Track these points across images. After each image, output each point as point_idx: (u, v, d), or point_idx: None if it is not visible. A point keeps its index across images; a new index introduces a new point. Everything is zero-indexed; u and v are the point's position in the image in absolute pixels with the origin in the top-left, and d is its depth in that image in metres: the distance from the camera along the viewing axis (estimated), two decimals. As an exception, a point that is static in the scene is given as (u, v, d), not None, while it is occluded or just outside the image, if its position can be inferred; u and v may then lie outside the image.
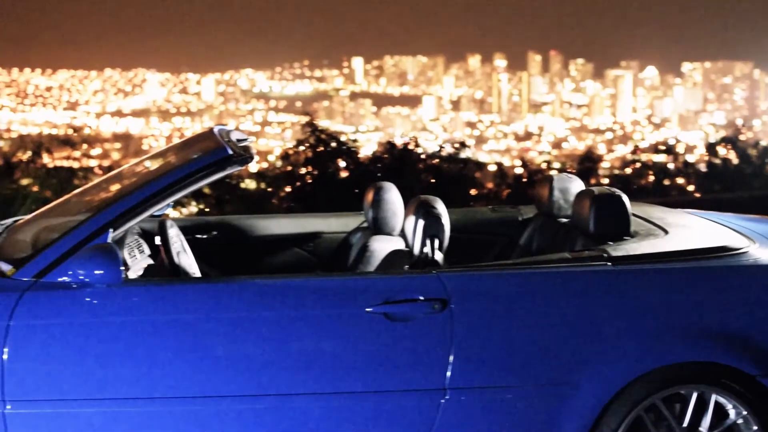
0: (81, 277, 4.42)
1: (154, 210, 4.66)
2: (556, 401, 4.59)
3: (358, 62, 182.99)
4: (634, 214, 5.41)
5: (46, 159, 14.98)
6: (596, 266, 4.70)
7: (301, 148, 16.14)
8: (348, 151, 16.18)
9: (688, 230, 5.30)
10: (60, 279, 4.47)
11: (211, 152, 4.76)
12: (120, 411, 4.44)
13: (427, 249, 5.00)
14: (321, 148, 15.93)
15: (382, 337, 4.47)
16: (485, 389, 4.54)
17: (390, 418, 4.53)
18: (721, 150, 29.93)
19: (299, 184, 15.75)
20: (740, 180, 27.40)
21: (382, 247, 5.55)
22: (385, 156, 16.32)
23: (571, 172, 6.37)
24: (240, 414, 4.47)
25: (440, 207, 5.22)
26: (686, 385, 4.68)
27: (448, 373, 4.50)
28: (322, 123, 17.55)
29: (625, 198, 5.25)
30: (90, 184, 5.99)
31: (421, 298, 4.49)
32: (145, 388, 4.42)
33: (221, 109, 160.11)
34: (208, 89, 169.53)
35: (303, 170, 15.99)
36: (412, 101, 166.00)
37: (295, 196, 15.66)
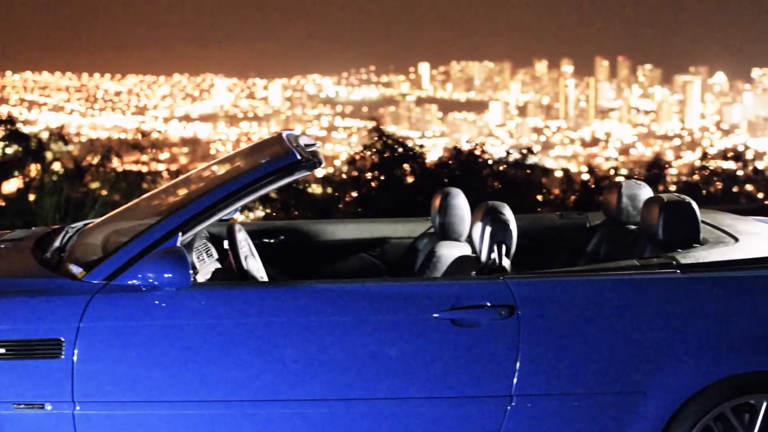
0: (150, 280, 4.46)
1: (223, 214, 4.69)
2: (622, 409, 4.55)
3: (424, 67, 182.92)
4: (703, 222, 5.36)
5: (115, 163, 15.10)
6: (665, 274, 4.65)
7: (368, 153, 16.13)
8: (414, 156, 16.15)
9: (758, 238, 5.24)
10: (130, 282, 4.51)
11: (280, 157, 4.78)
12: (186, 413, 4.47)
13: (495, 255, 4.98)
14: (387, 154, 15.92)
15: (449, 343, 4.46)
16: (551, 396, 4.52)
17: (455, 424, 4.52)
18: (792, 156, 29.47)
19: (365, 189, 15.76)
20: (812, 187, 26.98)
21: (449, 252, 5.54)
22: (451, 162, 16.27)
23: (638, 179, 6.31)
24: (305, 418, 4.48)
25: (508, 213, 5.20)
26: (756, 395, 4.63)
27: (515, 380, 4.48)
28: (389, 128, 17.56)
29: (694, 205, 5.20)
30: (159, 188, 6.03)
31: (488, 304, 4.48)
32: (211, 390, 4.45)
33: (288, 114, 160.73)
34: (275, 94, 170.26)
35: (369, 175, 16.00)
36: (479, 107, 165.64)
37: (361, 201, 15.66)
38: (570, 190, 20.08)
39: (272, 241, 6.46)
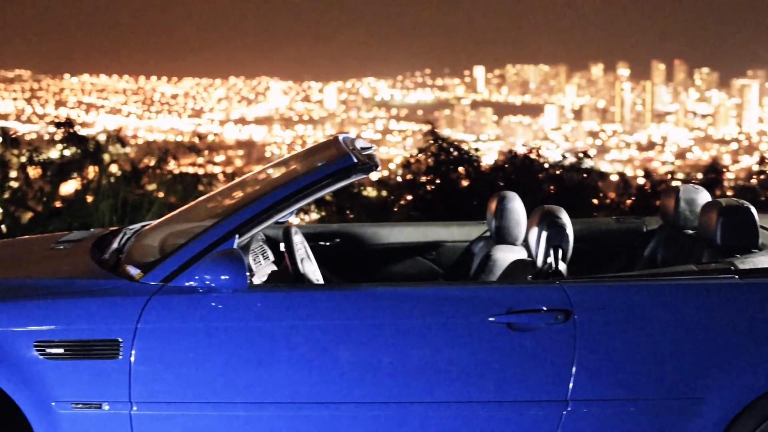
0: (207, 282, 4.49)
1: (279, 217, 4.71)
2: (680, 415, 4.52)
3: (479, 71, 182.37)
4: (761, 227, 5.31)
5: (171, 165, 15.16)
6: (723, 279, 4.62)
7: (423, 156, 16.09)
8: (469, 159, 16.09)
9: None
10: (187, 283, 4.54)
11: (337, 160, 4.79)
12: (241, 415, 4.50)
13: (551, 259, 4.97)
14: (442, 157, 15.88)
15: (505, 347, 4.45)
16: (608, 402, 4.50)
17: (511, 429, 4.51)
18: None
19: (420, 192, 15.73)
20: None
21: (504, 256, 5.53)
22: (507, 165, 16.20)
23: (696, 183, 6.26)
24: (359, 421, 4.49)
25: (564, 217, 5.18)
26: None
27: (571, 385, 4.47)
28: (443, 131, 17.50)
29: (753, 210, 5.16)
30: (215, 190, 6.07)
31: (544, 308, 4.46)
32: (267, 392, 4.47)
33: (343, 117, 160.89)
34: (330, 97, 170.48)
35: (424, 179, 15.95)
36: (534, 110, 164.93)
37: (415, 204, 15.63)
38: (626, 194, 19.93)
39: (328, 243, 6.48)
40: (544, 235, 5.03)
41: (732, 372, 4.49)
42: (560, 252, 5.00)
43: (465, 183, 16.04)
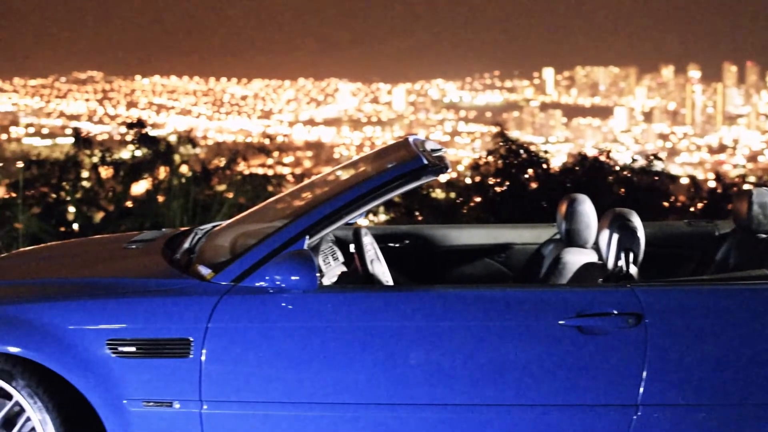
0: (278, 283, 4.51)
1: (350, 218, 4.72)
2: (752, 422, 4.47)
3: (549, 73, 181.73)
4: None
5: (241, 166, 15.24)
6: (797, 284, 4.56)
7: (492, 158, 16.05)
8: (538, 162, 16.03)
9: None
10: (257, 284, 4.57)
11: (407, 162, 4.79)
12: (311, 415, 4.51)
13: (622, 262, 4.93)
14: (511, 159, 15.83)
15: (575, 351, 4.43)
16: (679, 407, 4.46)
17: (580, 433, 4.49)
18: None
19: (489, 194, 15.69)
20: None
21: (575, 259, 5.49)
22: (577, 168, 16.10)
23: (768, 186, 6.19)
24: (427, 422, 4.49)
25: (635, 220, 5.14)
26: None
27: (641, 389, 4.43)
28: (512, 133, 17.43)
29: None
30: (285, 191, 6.10)
31: (615, 312, 4.44)
32: (335, 393, 4.48)
33: (411, 118, 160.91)
34: (399, 99, 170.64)
35: (492, 181, 15.91)
36: (603, 112, 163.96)
37: (484, 206, 15.59)
38: (697, 197, 19.75)
39: (397, 245, 6.48)
40: (615, 237, 4.99)
41: None
42: (631, 255, 4.96)
43: (534, 185, 15.98)
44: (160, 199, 13.81)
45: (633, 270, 4.95)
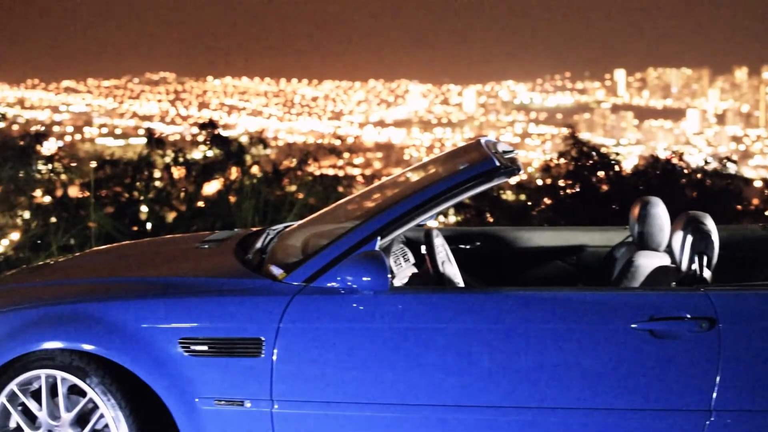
0: (349, 283, 4.52)
1: (422, 219, 4.72)
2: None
3: (620, 74, 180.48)
4: None
5: (311, 167, 15.30)
6: None
7: (562, 160, 15.98)
8: (609, 164, 15.92)
9: None
10: (329, 284, 4.58)
11: (479, 163, 4.78)
12: (381, 415, 4.52)
13: (695, 266, 4.89)
14: (582, 161, 15.74)
15: (647, 355, 4.40)
16: (753, 413, 4.41)
17: (651, 437, 4.45)
18: None
19: (560, 196, 15.62)
20: None
21: (647, 262, 5.45)
22: (650, 170, 15.98)
23: None
24: (497, 425, 4.48)
25: (710, 223, 5.09)
26: None
27: (714, 395, 4.39)
28: (583, 135, 17.35)
29: None
30: (356, 193, 6.11)
31: (688, 316, 4.40)
32: (406, 394, 4.48)
33: (481, 120, 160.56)
34: (469, 100, 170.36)
35: (562, 183, 15.83)
36: (675, 114, 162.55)
37: (555, 208, 15.52)
38: (771, 201, 19.53)
39: (468, 247, 6.47)
40: (688, 240, 4.95)
41: None
42: (705, 259, 4.92)
43: (605, 188, 15.89)
44: (232, 199, 13.91)
45: (706, 274, 4.90)
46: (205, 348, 4.56)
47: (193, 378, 4.59)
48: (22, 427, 4.84)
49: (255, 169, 14.90)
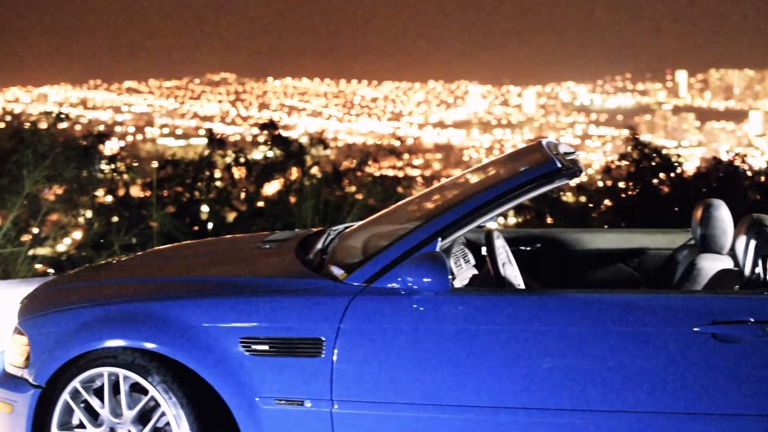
0: (410, 284, 4.51)
1: (483, 220, 4.70)
2: None
3: (681, 75, 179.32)
4: None
5: (371, 168, 15.33)
6: None
7: (623, 162, 15.91)
8: (671, 166, 15.83)
9: None
10: (389, 285, 4.58)
11: (541, 165, 4.76)
12: (440, 417, 4.50)
13: (759, 269, 4.83)
14: (643, 163, 15.67)
15: (709, 359, 4.35)
16: (818, 418, 4.36)
17: (713, 442, 4.41)
18: None
19: (623, 196, 15.55)
20: None
21: (710, 265, 5.40)
22: (712, 172, 15.86)
23: None
24: (557, 428, 4.45)
25: (774, 226, 5.03)
26: None
27: (778, 399, 4.34)
28: (644, 137, 17.25)
29: None
30: (416, 194, 6.11)
31: (752, 320, 4.35)
32: (466, 396, 4.47)
33: (541, 121, 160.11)
34: (529, 102, 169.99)
35: (623, 184, 15.77)
36: (738, 116, 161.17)
37: (615, 210, 15.46)
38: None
39: (528, 248, 6.45)
40: (752, 244, 4.89)
41: None
42: (769, 262, 4.86)
43: (666, 190, 15.80)
44: (292, 199, 13.97)
45: (770, 277, 4.85)
46: (266, 347, 4.58)
47: (254, 377, 4.60)
48: (84, 424, 4.89)
49: (315, 170, 14.97)
